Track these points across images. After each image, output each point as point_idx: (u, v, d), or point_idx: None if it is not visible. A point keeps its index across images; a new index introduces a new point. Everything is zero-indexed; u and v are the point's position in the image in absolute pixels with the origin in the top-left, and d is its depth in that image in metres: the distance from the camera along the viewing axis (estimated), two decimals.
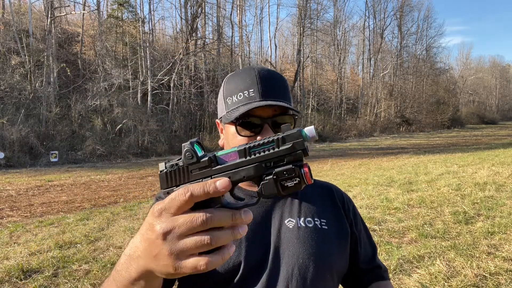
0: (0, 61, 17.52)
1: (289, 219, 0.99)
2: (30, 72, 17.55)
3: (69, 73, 18.94)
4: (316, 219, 1.01)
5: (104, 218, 6.15)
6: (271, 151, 0.54)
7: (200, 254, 0.50)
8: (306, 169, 0.53)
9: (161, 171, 0.57)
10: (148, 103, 20.80)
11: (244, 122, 0.96)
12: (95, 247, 4.70)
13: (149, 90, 20.76)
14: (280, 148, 0.53)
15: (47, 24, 18.55)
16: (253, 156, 0.54)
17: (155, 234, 0.51)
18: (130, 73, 21.58)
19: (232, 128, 0.98)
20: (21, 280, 3.75)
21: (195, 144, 0.56)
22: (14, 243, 4.99)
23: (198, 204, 0.51)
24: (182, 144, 0.56)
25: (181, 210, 0.50)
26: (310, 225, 0.98)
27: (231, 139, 0.99)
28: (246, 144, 0.55)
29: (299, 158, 0.53)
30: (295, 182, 0.53)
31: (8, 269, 3.95)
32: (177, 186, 0.56)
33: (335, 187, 1.15)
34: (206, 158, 0.55)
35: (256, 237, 0.94)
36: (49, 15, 18.39)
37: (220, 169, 0.55)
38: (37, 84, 17.84)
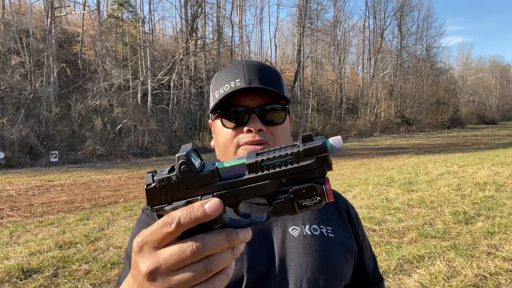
0: (0, 61, 17.52)
1: (293, 227, 0.91)
2: (30, 72, 17.55)
3: (69, 73, 18.95)
4: (322, 226, 0.93)
5: (104, 218, 6.16)
6: (289, 166, 0.46)
7: None
8: (328, 186, 0.46)
9: (147, 186, 0.48)
10: (148, 103, 20.81)
11: (229, 112, 0.88)
12: (95, 247, 4.70)
13: (149, 90, 20.76)
14: (300, 164, 0.45)
15: (47, 24, 18.56)
16: (266, 172, 0.46)
17: (141, 274, 0.44)
18: (130, 73, 21.58)
19: (218, 122, 0.91)
20: (21, 280, 3.75)
21: (191, 153, 0.47)
22: (14, 243, 4.99)
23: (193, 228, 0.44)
24: (176, 156, 0.46)
25: (165, 242, 0.43)
26: (317, 233, 0.91)
27: (218, 134, 0.92)
28: (257, 155, 0.47)
29: (322, 175, 0.46)
30: (315, 201, 0.46)
31: (8, 269, 3.95)
32: (169, 203, 0.48)
33: (337, 193, 1.07)
34: (208, 172, 0.46)
35: (258, 248, 0.86)
36: (49, 15, 18.40)
37: (225, 185, 0.47)
38: (37, 84, 17.84)
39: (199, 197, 0.47)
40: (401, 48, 44.91)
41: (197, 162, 0.48)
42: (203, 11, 26.31)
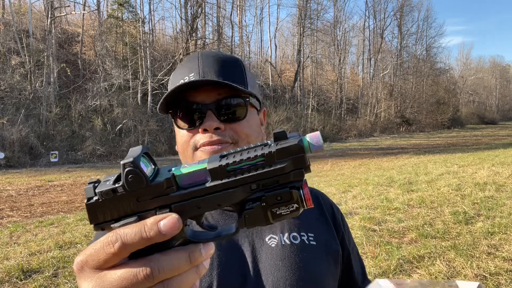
0: (0, 61, 17.53)
1: (271, 235, 0.80)
2: (30, 72, 17.56)
3: (69, 73, 18.95)
4: (302, 233, 0.82)
5: None
6: (260, 170, 0.39)
7: None
8: (306, 190, 0.39)
9: (88, 200, 0.40)
10: (148, 103, 20.81)
11: (182, 110, 0.79)
12: None
13: (149, 90, 20.77)
14: (272, 168, 0.39)
15: (47, 24, 18.57)
16: (232, 178, 0.39)
17: None
18: (130, 73, 21.59)
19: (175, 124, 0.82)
20: (21, 280, 3.75)
21: (141, 159, 0.39)
22: (14, 243, 4.99)
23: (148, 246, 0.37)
24: (121, 162, 0.38)
25: (110, 263, 0.37)
26: (297, 242, 0.80)
27: (177, 136, 0.83)
28: (221, 158, 0.40)
29: (299, 179, 0.39)
30: (291, 209, 0.40)
31: (8, 269, 3.95)
32: (116, 220, 0.40)
33: (322, 194, 0.98)
34: (162, 181, 0.39)
35: (230, 261, 0.75)
36: (49, 15, 18.41)
37: (184, 196, 0.39)
38: (37, 84, 17.85)
39: (154, 210, 0.39)
40: (401, 48, 44.94)
41: (148, 169, 0.40)
42: (203, 11, 26.33)
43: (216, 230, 0.43)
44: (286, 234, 0.81)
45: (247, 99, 0.80)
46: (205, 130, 0.77)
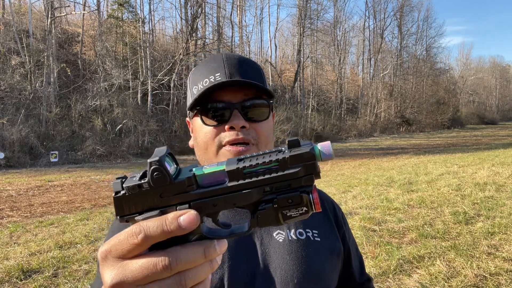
0: (0, 61, 17.53)
1: (278, 231, 0.86)
2: (30, 72, 17.56)
3: (69, 73, 18.95)
4: (307, 230, 0.88)
5: (104, 218, 6.15)
6: (273, 174, 0.42)
7: None
8: (315, 195, 0.43)
9: (116, 193, 0.43)
10: (148, 103, 20.81)
11: (209, 108, 0.82)
12: (95, 247, 4.70)
13: (149, 90, 20.77)
14: (285, 172, 0.42)
15: (47, 24, 18.57)
16: (248, 180, 0.42)
17: (106, 286, 0.40)
18: (130, 73, 21.59)
19: (198, 120, 0.85)
20: (21, 280, 3.75)
21: (165, 159, 0.43)
22: (14, 243, 4.99)
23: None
24: (148, 161, 0.42)
25: (132, 254, 0.40)
26: (302, 238, 0.86)
27: (198, 132, 0.86)
28: (238, 161, 0.43)
29: (309, 184, 0.43)
30: (301, 212, 0.43)
31: (8, 269, 3.95)
32: (140, 213, 0.43)
33: (324, 194, 1.04)
34: (184, 179, 0.42)
35: (241, 255, 0.80)
36: (49, 15, 18.41)
37: (203, 194, 0.43)
38: (37, 84, 17.85)
39: (174, 206, 0.43)
40: (401, 48, 44.94)
41: (172, 168, 0.43)
42: (203, 11, 26.33)
43: (230, 228, 0.46)
44: (293, 230, 0.87)
45: (271, 101, 0.87)
46: (231, 128, 0.81)
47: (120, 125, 18.61)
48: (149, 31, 24.69)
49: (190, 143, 0.93)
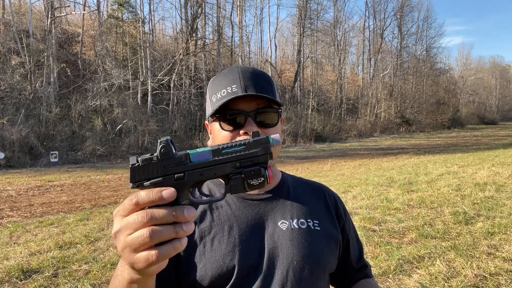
0: (0, 61, 17.52)
1: (282, 220, 0.98)
2: (30, 72, 17.55)
3: (69, 73, 18.94)
4: (309, 220, 1.01)
5: (104, 218, 6.15)
6: (242, 153, 0.60)
7: (157, 246, 0.54)
8: (270, 171, 0.61)
9: (132, 165, 0.58)
10: (148, 103, 20.80)
11: (227, 116, 0.96)
12: (95, 247, 4.70)
13: (149, 90, 20.76)
14: (250, 151, 0.60)
15: (47, 24, 18.56)
16: (225, 156, 0.60)
17: (112, 234, 0.57)
18: (130, 73, 21.58)
19: (216, 125, 0.99)
20: (21, 280, 3.75)
21: (170, 141, 0.59)
22: (14, 243, 4.99)
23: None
24: (159, 140, 0.58)
25: (131, 213, 0.55)
26: (303, 226, 0.98)
27: (216, 136, 1.00)
28: (219, 145, 0.60)
29: (265, 161, 0.60)
30: (259, 181, 0.60)
31: (8, 269, 3.94)
32: (148, 180, 0.58)
33: (327, 188, 1.17)
34: (182, 155, 0.58)
35: (250, 241, 0.94)
36: (49, 15, 18.40)
37: (195, 165, 0.59)
38: (37, 84, 17.84)
39: (173, 175, 0.58)
40: (401, 48, 44.92)
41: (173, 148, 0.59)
42: (203, 11, 26.32)
43: (208, 197, 0.64)
44: (295, 220, 1.00)
45: (280, 110, 1.02)
46: (245, 133, 0.95)
47: (120, 125, 18.60)
48: (149, 31, 24.68)
49: (209, 143, 1.08)
